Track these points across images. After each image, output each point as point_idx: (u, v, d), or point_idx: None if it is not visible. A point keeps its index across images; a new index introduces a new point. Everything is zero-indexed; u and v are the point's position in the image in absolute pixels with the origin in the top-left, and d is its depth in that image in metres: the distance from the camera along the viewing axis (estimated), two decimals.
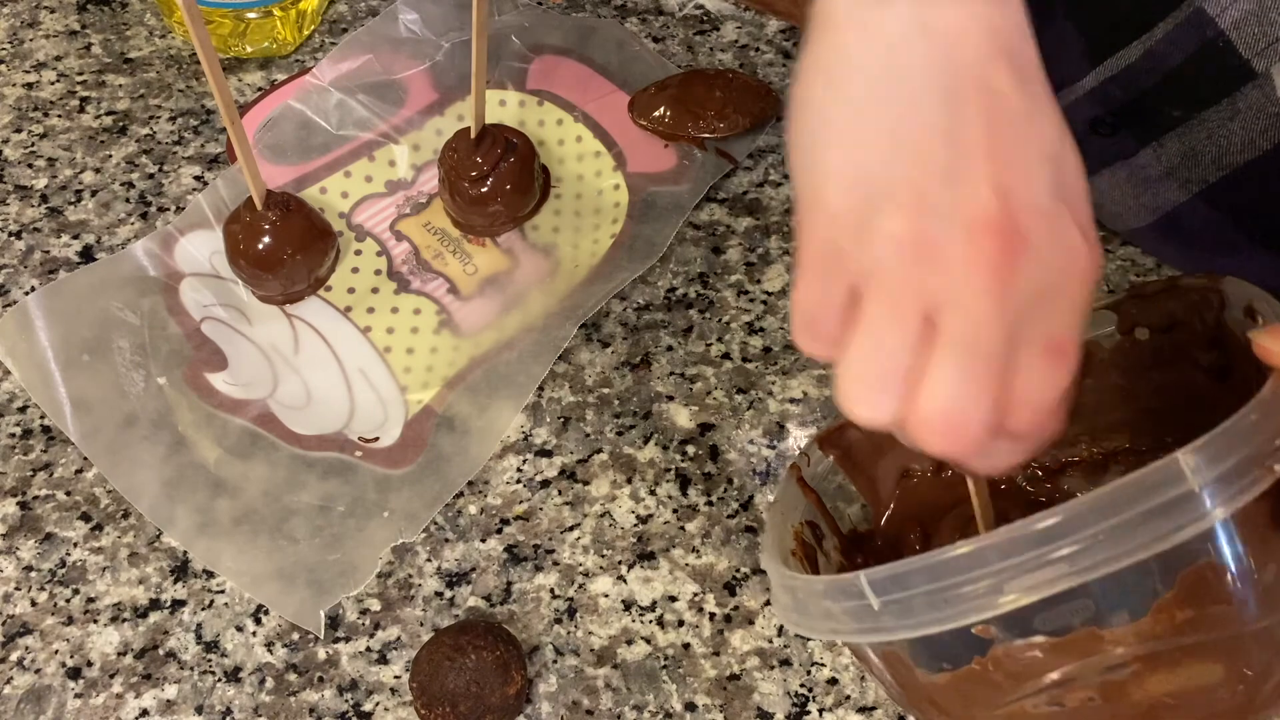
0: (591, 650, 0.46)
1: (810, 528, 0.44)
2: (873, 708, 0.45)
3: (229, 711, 0.45)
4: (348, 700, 0.45)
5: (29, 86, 0.67)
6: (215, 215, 0.58)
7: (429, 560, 0.49)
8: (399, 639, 0.47)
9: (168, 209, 0.61)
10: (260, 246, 0.54)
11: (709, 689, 0.45)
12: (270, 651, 0.47)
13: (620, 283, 0.57)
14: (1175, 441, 0.42)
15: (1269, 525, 0.33)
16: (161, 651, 0.47)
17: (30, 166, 0.63)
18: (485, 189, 0.56)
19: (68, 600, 0.48)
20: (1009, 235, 0.29)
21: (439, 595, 0.48)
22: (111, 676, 0.46)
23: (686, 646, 0.46)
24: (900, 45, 0.30)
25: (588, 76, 0.64)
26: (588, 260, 0.58)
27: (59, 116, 0.66)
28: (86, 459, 0.51)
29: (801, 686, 0.45)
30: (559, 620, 0.47)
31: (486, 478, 0.51)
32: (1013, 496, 0.48)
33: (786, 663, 0.46)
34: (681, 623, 0.47)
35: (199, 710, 0.45)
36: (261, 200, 0.54)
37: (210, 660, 0.46)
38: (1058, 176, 0.31)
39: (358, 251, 0.58)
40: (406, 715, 0.45)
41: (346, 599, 0.48)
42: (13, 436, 0.53)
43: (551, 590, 0.48)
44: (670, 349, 0.55)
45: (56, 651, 0.47)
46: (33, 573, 0.49)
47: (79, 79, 0.68)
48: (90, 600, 0.48)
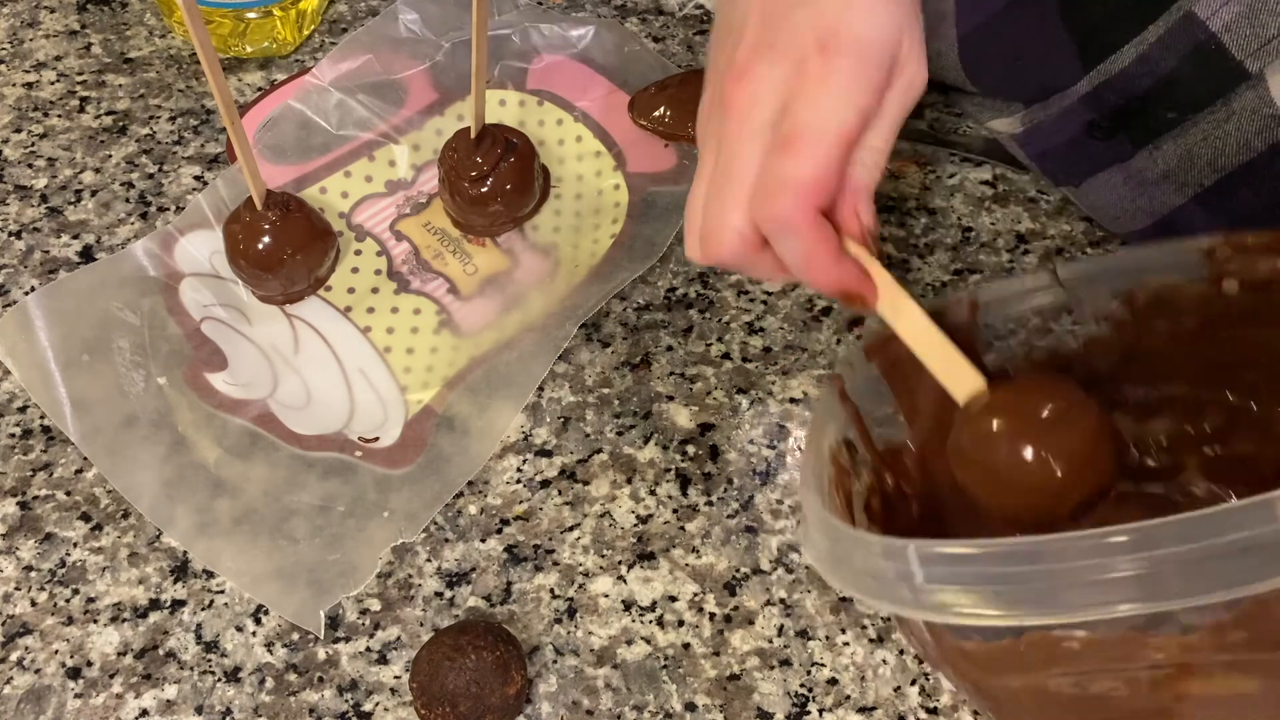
0: (591, 650, 0.46)
1: (846, 447, 0.42)
2: (873, 708, 0.45)
3: (229, 711, 0.45)
4: (348, 700, 0.45)
5: (29, 86, 0.67)
6: (215, 215, 0.58)
7: (429, 560, 0.49)
8: (399, 639, 0.47)
9: (168, 209, 0.61)
10: (260, 246, 0.54)
11: (709, 689, 0.45)
12: (270, 651, 0.47)
13: (620, 283, 0.57)
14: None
15: None
16: (161, 651, 0.47)
17: (30, 166, 0.63)
18: (485, 189, 0.56)
19: (67, 600, 0.48)
20: (740, 77, 0.40)
21: (439, 595, 0.48)
22: (111, 676, 0.46)
23: (686, 646, 0.46)
24: None
25: (588, 76, 0.64)
26: (588, 260, 0.58)
27: (59, 116, 0.66)
28: (86, 459, 0.51)
29: (801, 686, 0.45)
30: (559, 620, 0.47)
31: (486, 478, 0.51)
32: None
33: (786, 663, 0.46)
34: (681, 623, 0.47)
35: (199, 710, 0.45)
36: (261, 200, 0.54)
37: (210, 660, 0.46)
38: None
39: (358, 251, 0.58)
40: (406, 715, 0.45)
41: (346, 599, 0.48)
42: (13, 436, 0.53)
43: (551, 590, 0.48)
44: (670, 349, 0.55)
45: (56, 651, 0.47)
46: (32, 573, 0.49)
47: (79, 79, 0.68)
48: (90, 600, 0.48)
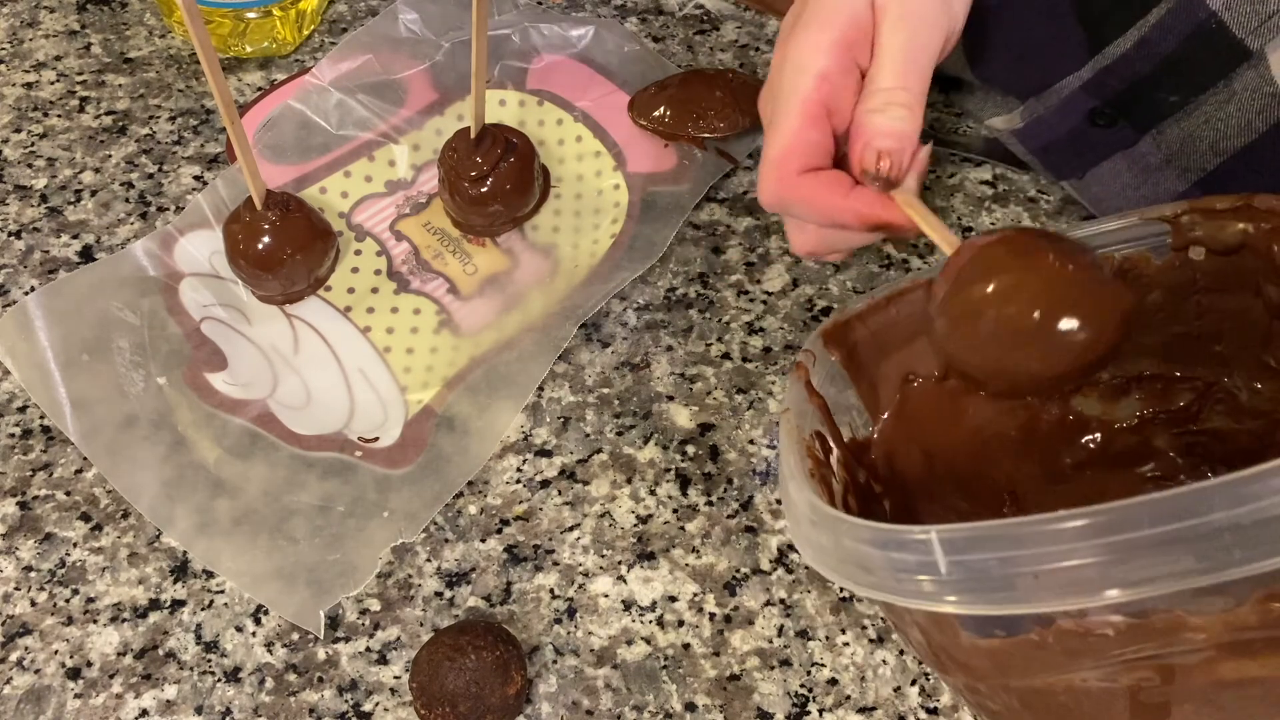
0: (591, 650, 0.46)
1: (818, 440, 0.41)
2: (873, 708, 0.45)
3: (229, 712, 0.45)
4: (347, 700, 0.45)
5: (29, 86, 0.67)
6: (215, 215, 0.58)
7: (429, 560, 0.49)
8: (399, 639, 0.47)
9: (167, 209, 0.61)
10: (260, 246, 0.54)
11: (709, 689, 0.45)
12: (270, 652, 0.47)
13: (620, 283, 0.57)
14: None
15: None
16: (161, 652, 0.47)
17: (30, 166, 0.63)
18: (485, 189, 0.56)
19: (67, 600, 0.48)
20: None
21: (439, 595, 0.48)
22: (111, 677, 0.46)
23: (686, 646, 0.46)
24: None
25: (588, 76, 0.64)
26: (588, 260, 0.58)
27: (59, 116, 0.66)
28: (86, 459, 0.51)
29: (801, 687, 0.45)
30: (559, 620, 0.47)
31: (486, 478, 0.51)
32: (1018, 413, 0.46)
33: (786, 663, 0.46)
34: (681, 623, 0.47)
35: (199, 710, 0.45)
36: (261, 200, 0.54)
37: (210, 660, 0.46)
38: None
39: (357, 251, 0.58)
40: (406, 715, 0.45)
41: (346, 599, 0.48)
42: (12, 436, 0.53)
43: (551, 590, 0.48)
44: (670, 349, 0.55)
45: (56, 652, 0.47)
46: (32, 573, 0.49)
47: (79, 79, 0.68)
48: (90, 600, 0.48)
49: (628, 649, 0.46)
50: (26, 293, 0.57)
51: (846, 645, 0.46)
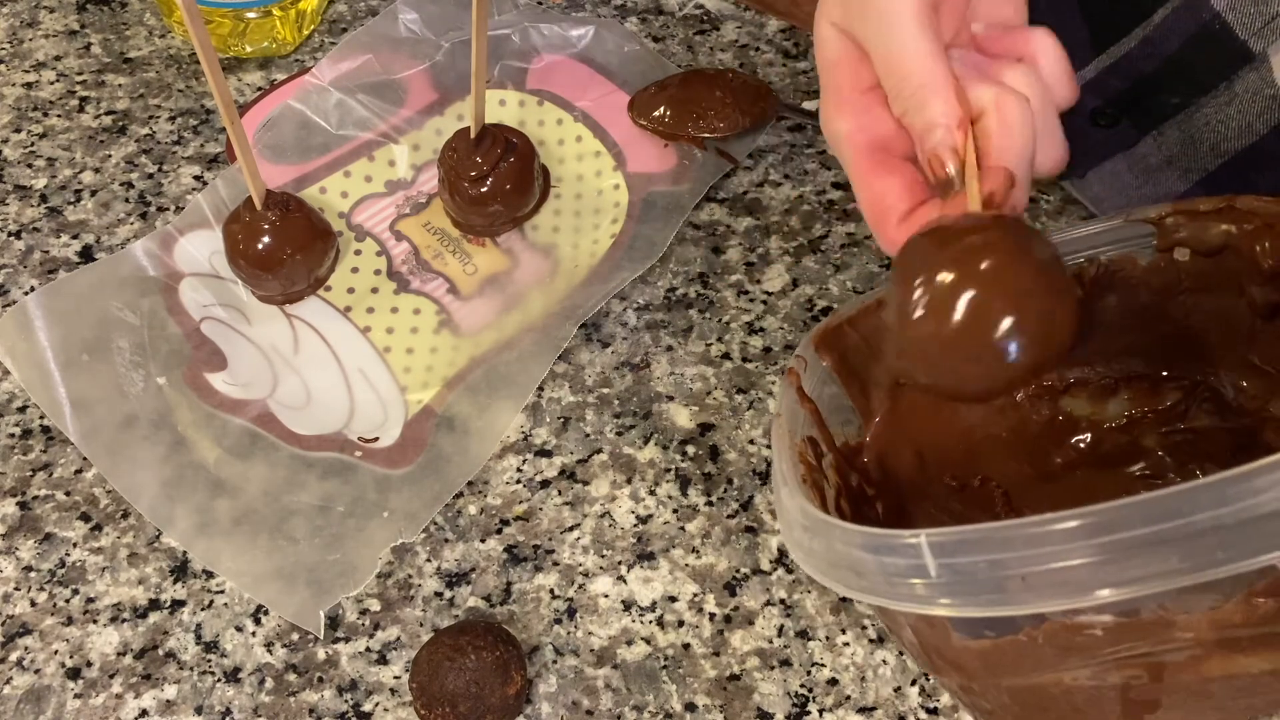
0: (591, 650, 0.46)
1: (810, 445, 0.41)
2: (873, 708, 0.45)
3: (228, 712, 0.45)
4: (347, 700, 0.45)
5: (29, 86, 0.67)
6: (215, 215, 0.58)
7: (429, 560, 0.49)
8: (399, 639, 0.47)
9: (167, 209, 0.61)
10: (260, 246, 0.54)
11: (709, 689, 0.45)
12: (270, 652, 0.47)
13: (620, 283, 0.57)
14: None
15: None
16: (161, 652, 0.47)
17: (30, 166, 0.63)
18: (485, 189, 0.56)
19: (67, 600, 0.48)
20: None
21: (439, 595, 0.48)
22: (111, 677, 0.46)
23: (686, 647, 0.46)
24: None
25: (588, 76, 0.64)
26: (588, 260, 0.58)
27: (58, 116, 0.66)
28: (86, 459, 0.51)
29: (801, 687, 0.45)
30: (559, 620, 0.47)
31: (486, 478, 0.51)
32: (1008, 414, 0.46)
33: (786, 663, 0.46)
34: (681, 623, 0.47)
35: (198, 710, 0.45)
36: (261, 200, 0.54)
37: (210, 660, 0.46)
38: None
39: (357, 251, 0.58)
40: (406, 715, 0.45)
41: (346, 599, 0.48)
42: (12, 436, 0.53)
43: (551, 590, 0.48)
44: (670, 349, 0.55)
45: (56, 652, 0.47)
46: (32, 573, 0.49)
47: (78, 79, 0.68)
48: (90, 600, 0.48)
49: (628, 649, 0.46)
50: (26, 293, 0.57)
51: (846, 645, 0.46)
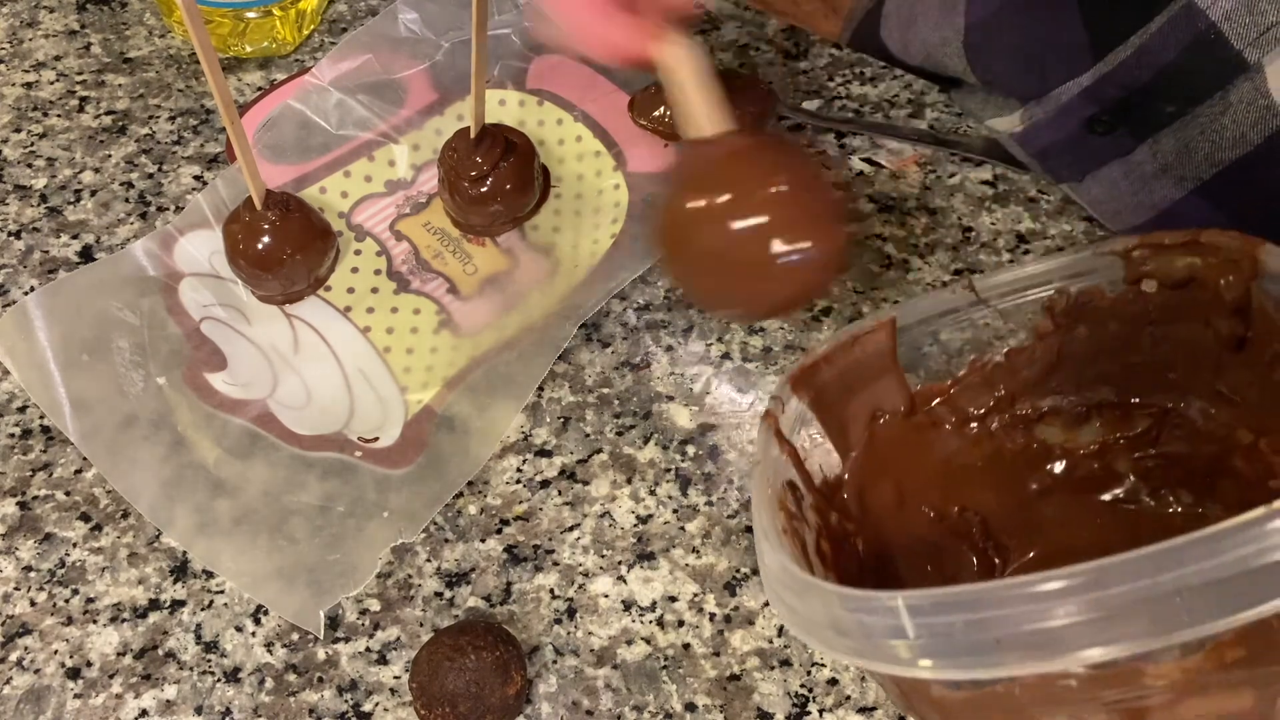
0: (591, 650, 0.46)
1: (790, 489, 0.41)
2: (873, 708, 0.45)
3: (228, 712, 0.45)
4: (347, 700, 0.45)
5: (28, 86, 0.67)
6: (215, 215, 0.58)
7: (429, 560, 0.49)
8: (399, 639, 0.47)
9: (167, 209, 0.61)
10: (260, 246, 0.54)
11: (709, 689, 0.45)
12: (270, 652, 0.47)
13: (620, 283, 0.57)
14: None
15: None
16: (161, 652, 0.47)
17: (30, 166, 0.63)
18: (485, 189, 0.56)
19: (67, 600, 0.48)
20: None
21: (439, 595, 0.48)
22: (111, 677, 0.46)
23: (686, 647, 0.46)
24: None
25: (588, 76, 0.64)
26: (588, 260, 0.58)
27: (58, 116, 0.66)
28: (86, 459, 0.51)
29: (801, 687, 0.45)
30: (559, 620, 0.47)
31: (486, 478, 0.51)
32: (984, 443, 0.47)
33: (786, 663, 0.46)
34: (681, 623, 0.47)
35: (198, 711, 0.45)
36: (261, 200, 0.54)
37: (210, 660, 0.46)
38: None
39: (357, 251, 0.58)
40: (406, 715, 0.45)
41: (346, 599, 0.48)
42: (12, 436, 0.53)
43: (551, 590, 0.48)
44: (670, 349, 0.55)
45: (56, 652, 0.47)
46: (32, 573, 0.49)
47: (78, 79, 0.68)
48: (90, 600, 0.48)
49: (628, 649, 0.46)
50: (26, 293, 0.57)
51: None
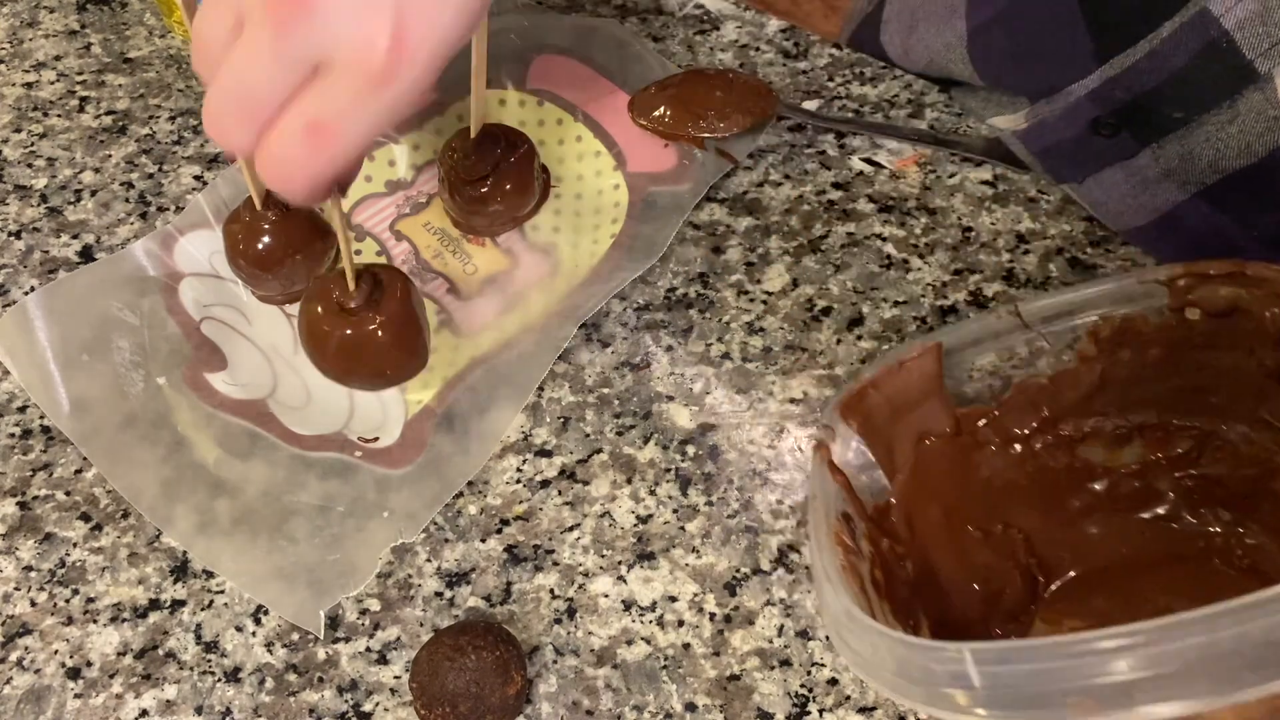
0: (591, 650, 0.46)
1: (844, 521, 0.42)
2: (873, 708, 0.45)
3: (229, 712, 0.45)
4: (347, 700, 0.45)
5: (29, 86, 0.67)
6: (215, 215, 0.58)
7: (429, 560, 0.49)
8: (399, 639, 0.47)
9: (167, 209, 0.61)
10: (260, 246, 0.54)
11: (709, 689, 0.45)
12: (270, 652, 0.47)
13: (620, 283, 0.57)
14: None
15: None
16: (161, 652, 0.47)
17: (30, 166, 0.63)
18: (485, 189, 0.56)
19: (67, 600, 0.48)
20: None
21: (439, 595, 0.48)
22: (111, 677, 0.46)
23: (686, 646, 0.46)
24: None
25: (588, 76, 0.64)
26: (588, 260, 0.58)
27: (58, 116, 0.66)
28: (86, 459, 0.51)
29: (802, 687, 0.45)
30: (559, 620, 0.47)
31: (486, 478, 0.51)
32: (1028, 463, 0.47)
33: (787, 663, 0.46)
34: (681, 623, 0.47)
35: (199, 710, 0.45)
36: (261, 200, 0.54)
37: (210, 660, 0.46)
38: None
39: (357, 251, 0.58)
40: (406, 715, 0.45)
41: (346, 599, 0.48)
42: (12, 436, 0.53)
43: (551, 590, 0.48)
44: (670, 349, 0.55)
45: (56, 652, 0.47)
46: (32, 573, 0.49)
47: (79, 79, 0.68)
48: (90, 600, 0.48)
49: (628, 649, 0.46)
50: (26, 293, 0.57)
51: None
